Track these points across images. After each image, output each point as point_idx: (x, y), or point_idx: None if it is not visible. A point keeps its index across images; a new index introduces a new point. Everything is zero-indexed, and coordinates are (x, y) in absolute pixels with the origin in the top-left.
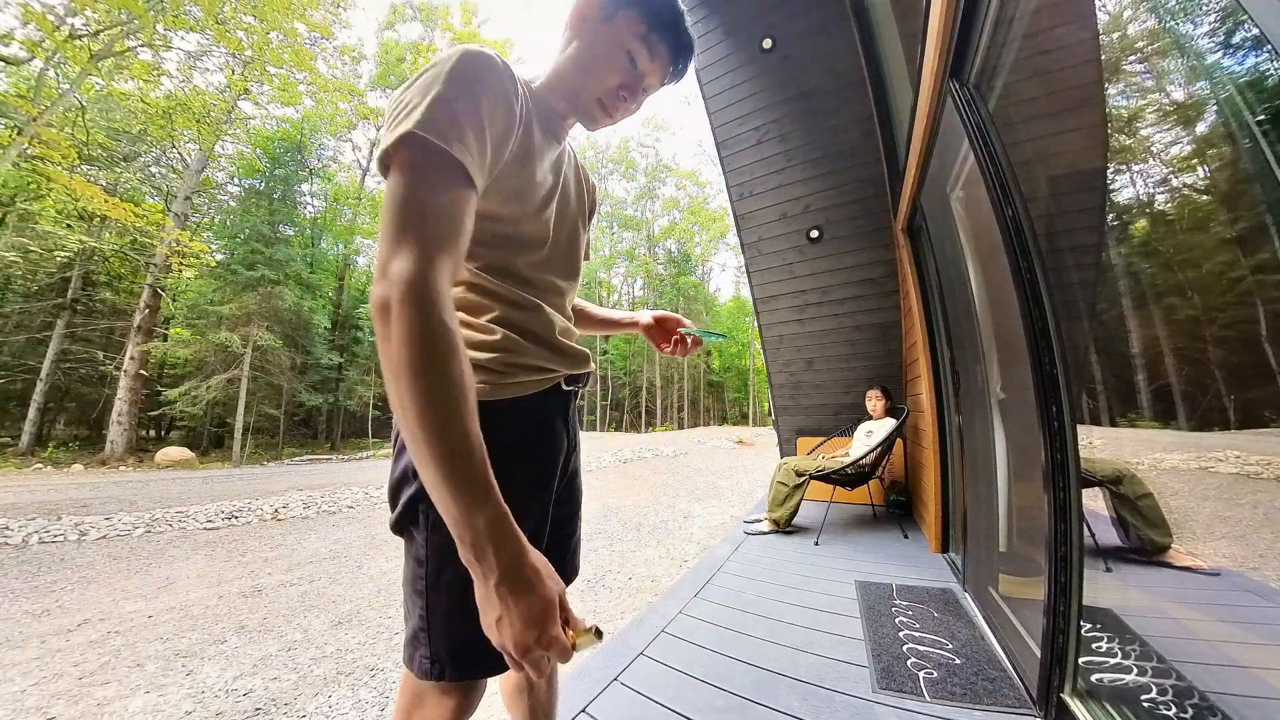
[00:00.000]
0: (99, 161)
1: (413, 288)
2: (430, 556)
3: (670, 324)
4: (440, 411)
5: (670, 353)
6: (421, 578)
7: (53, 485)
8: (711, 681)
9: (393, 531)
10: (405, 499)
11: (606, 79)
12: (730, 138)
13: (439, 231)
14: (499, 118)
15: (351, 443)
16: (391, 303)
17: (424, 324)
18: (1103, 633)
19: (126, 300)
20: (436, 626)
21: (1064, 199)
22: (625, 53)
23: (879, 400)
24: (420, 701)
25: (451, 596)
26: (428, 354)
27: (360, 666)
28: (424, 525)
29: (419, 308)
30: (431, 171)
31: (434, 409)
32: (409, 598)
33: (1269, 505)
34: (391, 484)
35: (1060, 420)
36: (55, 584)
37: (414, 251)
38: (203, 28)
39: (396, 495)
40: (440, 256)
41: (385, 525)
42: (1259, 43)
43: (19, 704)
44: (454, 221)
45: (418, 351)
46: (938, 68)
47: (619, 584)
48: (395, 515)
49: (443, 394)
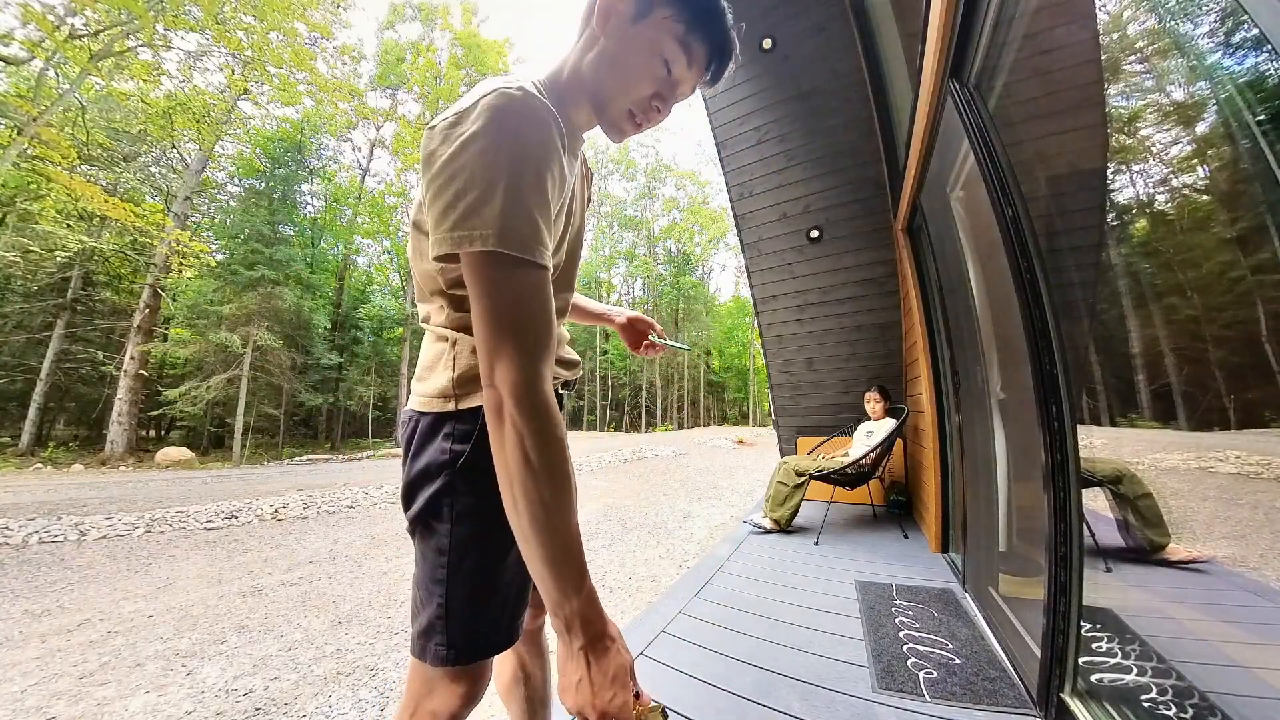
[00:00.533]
0: (99, 161)
1: (523, 397)
2: (453, 546)
3: (641, 327)
4: (554, 517)
5: (639, 353)
6: (443, 566)
7: (53, 485)
8: (711, 681)
9: (410, 528)
10: (428, 495)
11: (640, 87)
12: (730, 137)
13: (537, 333)
14: (558, 189)
15: (351, 443)
16: (505, 410)
17: (538, 432)
18: (1103, 633)
19: (126, 300)
20: (455, 613)
21: (1064, 199)
22: (660, 58)
23: (877, 402)
24: (431, 689)
25: (470, 584)
26: (543, 460)
27: (360, 666)
28: (448, 517)
29: (530, 416)
30: (519, 278)
31: (548, 514)
32: (426, 588)
33: (1269, 505)
34: (408, 482)
35: (1060, 420)
36: (55, 584)
37: (517, 358)
38: (203, 28)
39: (414, 492)
40: (542, 357)
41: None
42: (1259, 43)
43: (19, 704)
44: (546, 317)
45: (534, 458)
46: (938, 68)
47: (619, 584)
48: (415, 510)
49: (554, 498)
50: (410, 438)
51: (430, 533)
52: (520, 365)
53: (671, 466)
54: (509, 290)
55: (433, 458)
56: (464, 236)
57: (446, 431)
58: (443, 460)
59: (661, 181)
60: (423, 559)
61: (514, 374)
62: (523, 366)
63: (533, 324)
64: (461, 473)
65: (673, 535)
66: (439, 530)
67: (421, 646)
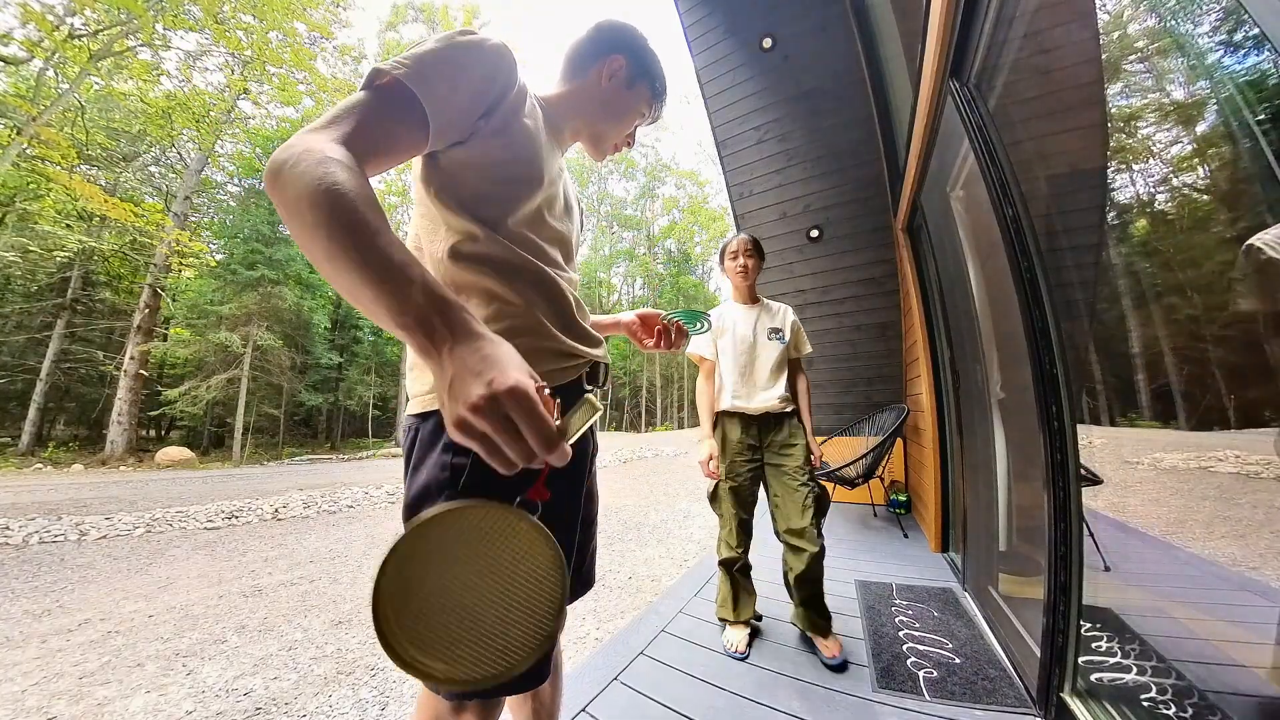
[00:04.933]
0: (98, 161)
1: (310, 150)
2: None
3: (651, 319)
4: (346, 238)
5: (654, 347)
6: None
7: (53, 485)
8: (711, 681)
9: None
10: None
11: (624, 129)
12: (730, 137)
13: (362, 132)
14: (494, 85)
15: (352, 442)
16: (282, 164)
17: (293, 175)
18: (1102, 632)
19: (126, 300)
20: None
21: (1064, 199)
22: (638, 112)
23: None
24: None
25: None
26: (303, 192)
27: (360, 666)
28: None
29: (281, 164)
30: (381, 92)
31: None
32: None
33: (1269, 505)
34: (408, 503)
35: (1060, 420)
36: (55, 584)
37: (326, 133)
38: (202, 27)
39: (416, 512)
40: (336, 137)
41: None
42: (1259, 43)
43: (19, 704)
44: (372, 129)
45: (295, 198)
46: (938, 67)
47: (619, 583)
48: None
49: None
50: (410, 447)
51: None
52: (326, 136)
53: (671, 466)
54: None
55: (432, 475)
56: (376, 70)
57: (446, 443)
58: (443, 479)
59: (661, 181)
60: None
61: (314, 138)
62: (326, 135)
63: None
64: (464, 495)
65: (673, 535)
66: None
67: None
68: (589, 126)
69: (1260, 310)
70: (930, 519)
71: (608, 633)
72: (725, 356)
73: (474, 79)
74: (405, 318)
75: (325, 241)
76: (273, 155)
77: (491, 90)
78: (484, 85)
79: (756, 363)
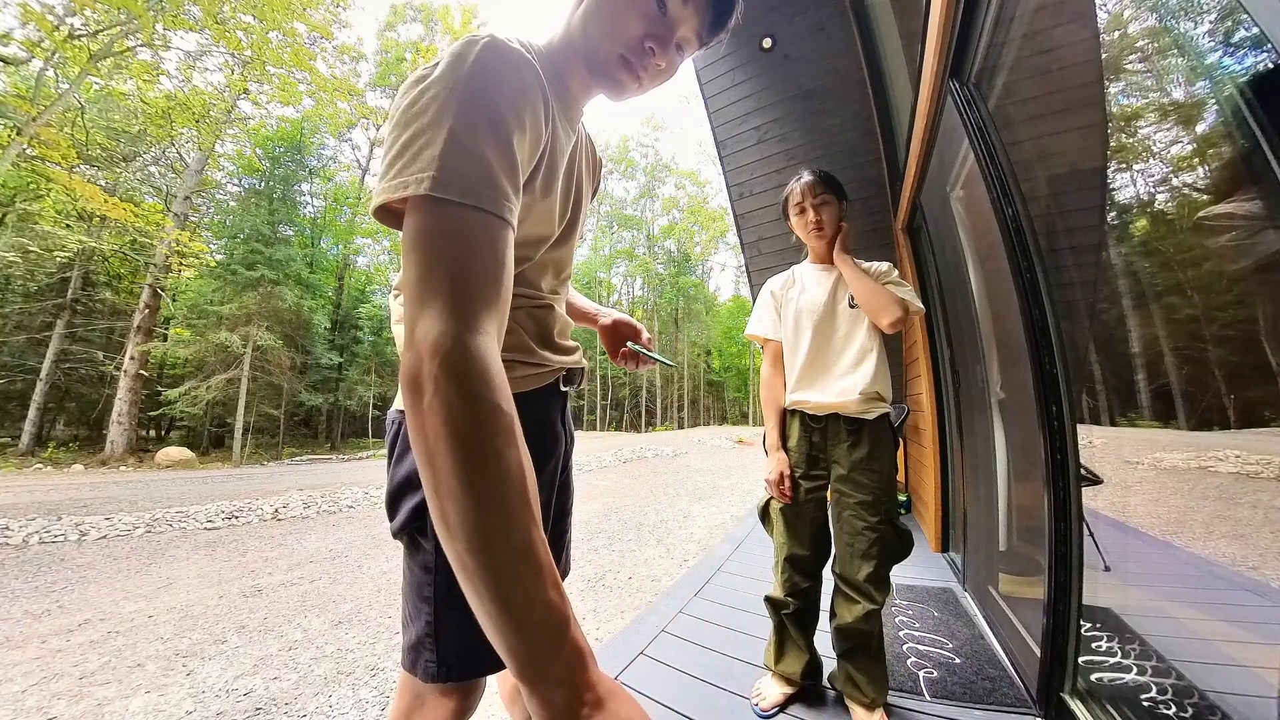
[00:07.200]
0: (98, 161)
1: (450, 352)
2: (440, 567)
3: (624, 331)
4: (502, 530)
5: (618, 363)
6: (429, 585)
7: (53, 485)
8: (711, 681)
9: (395, 537)
10: (411, 507)
11: (628, 28)
12: (730, 137)
13: (483, 291)
14: (531, 136)
15: (352, 443)
16: (423, 374)
17: (472, 397)
18: (1102, 632)
19: (126, 300)
20: (445, 634)
21: (1064, 199)
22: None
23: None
24: (420, 703)
25: (461, 608)
26: (479, 436)
27: (360, 666)
28: (432, 533)
29: (461, 376)
30: (457, 224)
31: (491, 524)
32: (413, 603)
33: (1269, 505)
34: (391, 490)
35: (1060, 420)
36: (55, 584)
37: (447, 310)
38: (202, 27)
39: (397, 503)
40: (483, 315)
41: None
42: (1259, 43)
43: (20, 704)
44: (494, 273)
45: (467, 434)
46: (938, 67)
47: (619, 583)
48: (399, 521)
49: (501, 499)
50: (394, 440)
51: (416, 548)
52: (449, 316)
53: (671, 466)
54: (443, 237)
55: (414, 467)
56: (397, 185)
57: None
58: None
59: (661, 181)
60: (409, 572)
61: (439, 325)
62: (452, 316)
63: (474, 278)
64: None
65: (673, 535)
66: (424, 546)
67: (411, 660)
68: (584, 59)
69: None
70: (930, 519)
71: (608, 633)
72: (789, 332)
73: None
74: (535, 677)
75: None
76: (439, 333)
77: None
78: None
79: (833, 340)
